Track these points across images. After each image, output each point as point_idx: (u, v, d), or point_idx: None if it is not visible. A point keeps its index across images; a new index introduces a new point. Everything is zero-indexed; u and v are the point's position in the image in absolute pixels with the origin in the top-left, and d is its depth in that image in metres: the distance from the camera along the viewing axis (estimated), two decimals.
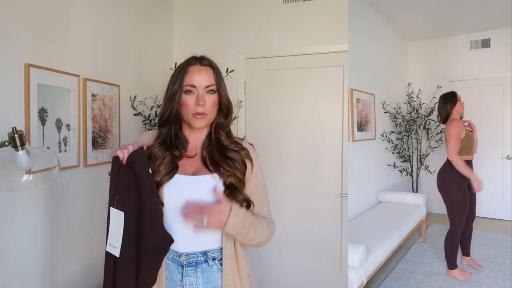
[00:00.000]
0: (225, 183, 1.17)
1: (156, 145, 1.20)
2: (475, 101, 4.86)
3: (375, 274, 2.87)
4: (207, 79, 1.16)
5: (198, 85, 1.15)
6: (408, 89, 5.06)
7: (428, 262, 3.33)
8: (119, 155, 1.09)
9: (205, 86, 1.16)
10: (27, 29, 1.69)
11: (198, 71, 1.17)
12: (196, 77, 1.16)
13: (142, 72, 2.62)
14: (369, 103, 3.91)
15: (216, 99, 1.18)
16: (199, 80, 1.15)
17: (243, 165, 1.20)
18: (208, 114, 1.16)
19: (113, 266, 1.11)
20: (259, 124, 2.93)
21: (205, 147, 1.23)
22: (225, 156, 1.19)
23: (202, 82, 1.15)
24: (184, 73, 1.17)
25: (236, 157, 1.20)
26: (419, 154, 4.89)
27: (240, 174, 1.19)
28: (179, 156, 1.19)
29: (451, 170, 2.86)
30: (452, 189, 2.86)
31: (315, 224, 2.83)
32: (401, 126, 4.63)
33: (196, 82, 1.15)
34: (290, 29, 2.84)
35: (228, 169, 1.17)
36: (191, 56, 1.22)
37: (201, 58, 1.21)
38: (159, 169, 1.15)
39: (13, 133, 1.21)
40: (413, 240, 3.92)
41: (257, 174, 1.25)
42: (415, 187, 4.95)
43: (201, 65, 1.19)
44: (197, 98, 1.14)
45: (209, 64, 1.20)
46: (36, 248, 1.78)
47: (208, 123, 1.20)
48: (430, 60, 5.24)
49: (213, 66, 1.20)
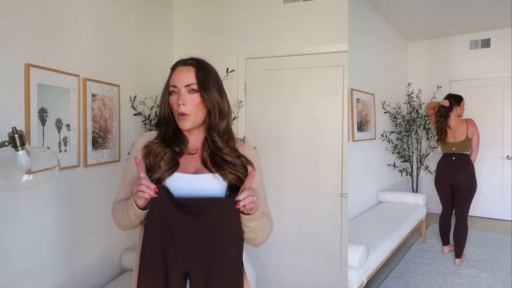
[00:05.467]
0: (229, 184, 1.17)
1: (156, 142, 1.20)
2: (475, 101, 4.85)
3: (375, 274, 2.87)
4: (187, 78, 1.16)
5: (179, 85, 1.16)
6: (408, 89, 5.06)
7: (428, 262, 3.33)
8: (148, 193, 1.05)
9: (185, 85, 1.16)
10: (27, 29, 1.69)
11: (180, 71, 1.18)
12: (177, 77, 1.17)
13: (142, 72, 2.62)
14: (369, 103, 3.91)
15: (198, 98, 1.17)
16: (179, 79, 1.17)
17: (244, 168, 1.21)
18: (191, 114, 1.16)
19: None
20: (259, 124, 2.93)
21: (205, 149, 1.23)
22: (225, 160, 1.19)
23: (182, 81, 1.16)
24: (170, 75, 1.20)
25: (236, 162, 1.20)
26: (419, 154, 4.88)
27: (242, 176, 1.19)
28: (180, 153, 1.19)
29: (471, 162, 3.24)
30: (474, 178, 3.22)
31: (315, 224, 2.83)
32: (401, 126, 4.63)
33: (176, 82, 1.17)
34: (290, 29, 2.84)
35: (231, 171, 1.18)
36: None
37: (188, 59, 1.21)
38: (159, 165, 1.16)
39: (13, 133, 1.21)
40: (413, 240, 3.92)
41: (257, 176, 1.26)
42: (415, 187, 4.94)
43: (183, 65, 1.19)
44: (178, 97, 1.16)
45: (191, 64, 1.19)
46: (36, 248, 1.78)
47: (195, 124, 1.19)
48: (430, 60, 5.24)
49: (194, 65, 1.18)
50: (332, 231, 2.81)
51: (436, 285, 2.88)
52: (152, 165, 1.17)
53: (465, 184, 3.19)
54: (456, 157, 3.23)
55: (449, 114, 3.26)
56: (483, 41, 4.87)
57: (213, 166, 1.19)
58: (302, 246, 2.86)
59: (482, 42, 4.87)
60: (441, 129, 3.27)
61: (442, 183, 3.31)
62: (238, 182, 1.17)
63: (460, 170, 3.19)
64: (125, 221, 1.17)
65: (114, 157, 2.31)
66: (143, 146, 1.22)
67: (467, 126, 3.23)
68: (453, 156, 3.24)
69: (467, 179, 3.19)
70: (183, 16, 3.07)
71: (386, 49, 4.50)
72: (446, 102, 3.27)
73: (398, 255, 3.48)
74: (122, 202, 1.21)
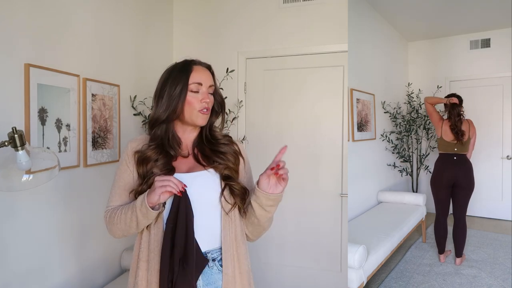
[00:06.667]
0: (222, 175, 1.21)
1: (151, 147, 1.19)
2: (475, 101, 4.85)
3: (375, 274, 2.87)
4: (209, 79, 1.23)
5: (204, 83, 1.21)
6: (408, 89, 5.06)
7: (428, 262, 3.33)
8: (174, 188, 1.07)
9: (209, 85, 1.22)
10: (27, 29, 1.69)
11: (203, 71, 1.23)
12: (203, 75, 1.21)
13: (142, 72, 2.62)
14: (369, 103, 3.91)
15: (212, 98, 1.24)
16: (205, 79, 1.21)
17: (234, 156, 1.26)
18: (209, 111, 1.23)
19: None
20: (259, 124, 2.93)
21: (195, 145, 1.26)
22: (216, 151, 1.23)
23: (207, 81, 1.22)
24: (189, 72, 1.20)
25: (227, 150, 1.25)
26: (419, 154, 4.88)
27: (232, 165, 1.23)
28: (175, 156, 1.20)
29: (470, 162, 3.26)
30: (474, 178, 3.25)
31: (315, 224, 2.83)
32: (401, 126, 4.63)
33: (203, 80, 1.20)
34: (290, 29, 2.84)
35: (221, 162, 1.21)
36: (185, 59, 1.25)
37: (200, 61, 1.26)
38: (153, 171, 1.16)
39: (13, 133, 1.21)
40: (413, 240, 3.92)
41: (249, 169, 1.34)
42: (415, 187, 4.95)
43: (201, 66, 1.24)
44: (204, 95, 1.20)
45: (208, 67, 1.27)
46: (36, 248, 1.78)
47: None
48: (430, 60, 5.24)
49: (210, 68, 1.27)
50: (332, 231, 2.81)
51: (436, 285, 2.88)
52: (145, 173, 1.17)
53: (467, 184, 3.19)
54: (458, 157, 3.22)
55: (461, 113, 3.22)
56: (483, 41, 4.87)
57: (204, 159, 1.22)
58: (302, 246, 2.86)
59: (482, 42, 4.87)
60: (456, 127, 3.18)
61: (441, 183, 3.27)
62: (229, 171, 1.22)
63: (463, 170, 3.19)
64: (130, 224, 1.14)
65: (114, 157, 2.31)
66: (134, 151, 1.21)
67: (469, 127, 3.23)
68: (455, 156, 3.23)
69: (470, 178, 3.20)
70: (183, 16, 3.06)
71: (386, 49, 4.50)
72: (456, 99, 3.21)
73: (398, 255, 3.48)
74: (124, 206, 1.18)
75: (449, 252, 3.45)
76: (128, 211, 1.14)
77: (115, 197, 1.24)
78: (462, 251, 3.27)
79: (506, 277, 2.99)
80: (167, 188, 1.05)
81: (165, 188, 1.05)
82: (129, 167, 1.21)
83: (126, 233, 1.20)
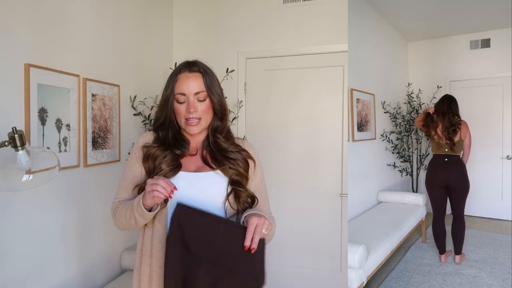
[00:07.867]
0: (230, 179, 1.19)
1: (155, 145, 1.20)
2: (475, 101, 4.85)
3: (375, 274, 2.87)
4: (196, 86, 1.16)
5: (188, 93, 1.16)
6: (408, 89, 5.06)
7: (428, 262, 3.33)
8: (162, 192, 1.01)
9: (195, 93, 1.16)
10: (27, 29, 1.69)
11: (187, 79, 1.17)
12: (185, 85, 1.16)
13: (142, 72, 2.62)
14: (369, 103, 3.91)
15: (208, 103, 1.18)
16: (188, 88, 1.16)
17: (245, 163, 1.23)
18: (202, 119, 1.18)
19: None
20: (259, 124, 2.93)
21: (205, 147, 1.24)
22: (226, 157, 1.21)
23: (191, 89, 1.16)
24: (174, 81, 1.18)
25: (238, 157, 1.22)
26: (419, 154, 4.88)
27: (243, 171, 1.21)
28: (181, 155, 1.20)
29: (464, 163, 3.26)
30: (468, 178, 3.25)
31: (315, 224, 2.83)
32: (401, 126, 4.63)
33: (185, 90, 1.16)
34: (290, 29, 2.84)
35: (231, 167, 1.19)
36: (182, 62, 1.22)
37: (191, 64, 1.20)
38: (161, 167, 1.16)
39: (13, 133, 1.21)
40: (413, 240, 3.92)
41: (259, 173, 1.28)
42: (415, 187, 4.94)
43: (189, 72, 1.18)
44: (188, 105, 1.16)
45: (198, 70, 1.19)
46: (36, 248, 1.78)
47: (204, 127, 1.21)
48: (430, 60, 5.24)
49: (201, 72, 1.19)
50: (332, 231, 2.81)
51: (436, 285, 2.88)
52: (152, 168, 1.17)
53: (459, 185, 3.19)
54: (449, 158, 3.22)
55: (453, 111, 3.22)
56: (483, 41, 4.87)
57: (214, 162, 1.20)
58: (302, 246, 2.86)
59: (482, 42, 4.87)
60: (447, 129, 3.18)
61: (434, 184, 3.27)
62: (239, 177, 1.20)
63: (455, 171, 3.19)
64: (129, 221, 1.15)
65: (114, 157, 2.31)
66: (143, 145, 1.22)
67: (461, 128, 3.22)
68: (446, 157, 3.24)
69: (462, 179, 3.19)
70: (183, 16, 3.07)
71: (386, 49, 4.50)
72: (432, 109, 3.26)
73: (398, 255, 3.48)
74: (126, 202, 1.18)
75: (449, 253, 3.45)
76: (128, 208, 1.15)
77: (122, 190, 1.24)
78: (461, 249, 3.27)
79: (506, 277, 2.99)
80: (154, 193, 1.01)
81: (153, 193, 1.02)
82: (138, 161, 1.22)
83: (129, 228, 1.20)
